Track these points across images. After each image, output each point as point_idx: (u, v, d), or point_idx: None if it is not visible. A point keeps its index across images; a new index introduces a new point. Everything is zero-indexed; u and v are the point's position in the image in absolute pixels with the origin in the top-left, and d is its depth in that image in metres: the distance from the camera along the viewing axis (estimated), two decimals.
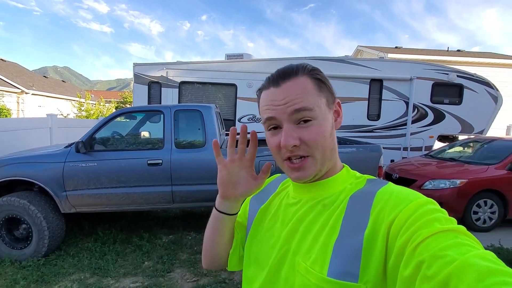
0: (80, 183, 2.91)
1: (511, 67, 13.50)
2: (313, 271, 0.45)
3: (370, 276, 0.41)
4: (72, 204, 2.94)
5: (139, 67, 6.29)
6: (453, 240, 0.35)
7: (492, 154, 4.41)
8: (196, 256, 3.02)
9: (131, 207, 3.07)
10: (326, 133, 0.51)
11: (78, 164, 2.91)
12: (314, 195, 0.54)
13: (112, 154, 3.02)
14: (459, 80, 6.33)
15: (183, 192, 3.05)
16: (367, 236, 0.43)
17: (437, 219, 0.39)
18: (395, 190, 0.46)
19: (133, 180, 2.99)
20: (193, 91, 6.34)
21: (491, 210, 3.91)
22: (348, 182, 0.53)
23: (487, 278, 0.29)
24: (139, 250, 3.12)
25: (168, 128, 3.09)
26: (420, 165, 4.73)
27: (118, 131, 3.37)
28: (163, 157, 3.02)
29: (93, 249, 3.09)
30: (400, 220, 0.40)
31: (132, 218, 4.09)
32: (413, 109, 6.32)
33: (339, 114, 0.56)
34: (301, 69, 0.51)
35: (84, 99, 14.68)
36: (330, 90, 0.54)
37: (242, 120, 6.28)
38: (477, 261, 0.31)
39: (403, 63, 6.61)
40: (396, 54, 13.55)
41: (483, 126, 6.51)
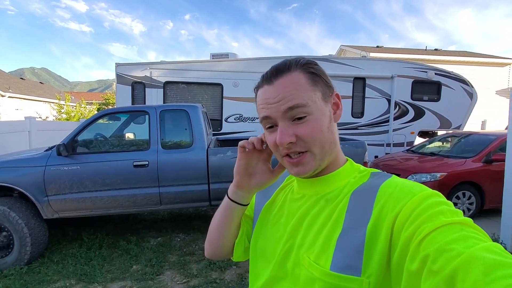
0: (63, 187, 2.82)
1: (486, 65, 14.19)
2: (317, 265, 0.46)
3: (372, 270, 0.41)
4: (55, 209, 2.85)
5: (121, 67, 6.15)
6: (459, 233, 0.35)
7: (469, 148, 4.62)
8: (186, 257, 3.00)
9: (118, 210, 3.00)
10: (323, 127, 0.50)
11: (60, 168, 2.82)
12: (317, 190, 0.54)
13: (96, 156, 2.94)
14: (437, 78, 6.59)
15: (170, 194, 3.01)
16: (370, 230, 0.43)
17: (442, 212, 0.38)
18: (399, 183, 0.46)
19: (118, 182, 2.92)
20: (178, 91, 6.26)
21: (469, 201, 4.11)
22: (352, 176, 0.53)
23: (493, 272, 0.29)
24: (126, 254, 3.06)
25: (154, 129, 3.04)
26: (402, 160, 4.90)
27: (102, 133, 3.28)
28: (149, 158, 2.98)
29: (78, 255, 3.00)
30: (405, 214, 0.40)
31: (119, 221, 4.00)
32: (395, 106, 6.52)
33: (339, 106, 0.55)
34: (294, 64, 0.51)
35: (64, 101, 14.15)
36: (327, 83, 0.53)
37: (228, 120, 6.27)
38: (483, 254, 0.31)
39: (384, 62, 6.81)
40: (378, 53, 13.94)
41: (460, 121, 6.81)
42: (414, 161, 4.73)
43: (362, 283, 0.41)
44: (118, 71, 6.11)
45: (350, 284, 0.42)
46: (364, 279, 0.41)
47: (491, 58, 14.74)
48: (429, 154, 4.97)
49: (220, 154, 3.06)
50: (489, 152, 4.22)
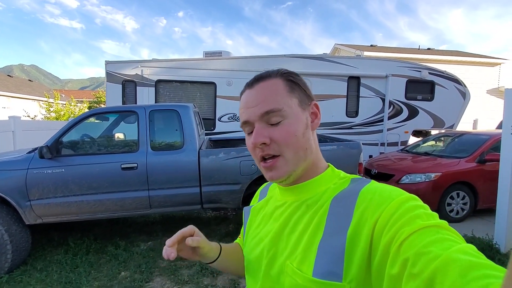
0: (46, 191, 2.69)
1: (477, 64, 14.35)
2: (300, 272, 0.46)
3: (353, 275, 0.42)
4: (38, 214, 2.71)
5: (111, 65, 5.98)
6: (435, 236, 0.36)
7: (462, 148, 4.62)
8: (177, 262, 2.90)
9: (105, 214, 2.88)
10: (298, 132, 0.51)
11: (43, 171, 2.68)
12: (298, 197, 0.54)
13: (82, 158, 2.81)
14: (430, 77, 6.60)
15: (161, 197, 2.90)
16: (350, 235, 0.43)
17: (419, 215, 0.39)
18: (378, 189, 0.47)
19: (106, 185, 2.80)
20: (170, 90, 6.13)
21: (463, 201, 4.10)
22: (332, 182, 0.53)
23: (469, 273, 0.30)
24: (114, 259, 2.94)
25: (143, 130, 2.92)
26: (397, 160, 4.87)
27: (89, 133, 3.15)
28: (138, 160, 2.86)
29: (63, 261, 2.87)
30: (384, 219, 0.41)
31: (108, 225, 3.87)
32: (389, 106, 6.51)
33: (317, 116, 0.56)
34: (274, 73, 0.54)
35: (53, 99, 13.79)
36: (305, 92, 0.55)
37: (222, 120, 6.17)
38: (459, 256, 0.32)
39: (379, 61, 6.79)
40: (372, 52, 13.96)
41: (453, 120, 6.84)
42: (408, 161, 4.71)
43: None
44: (108, 69, 5.95)
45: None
46: (346, 285, 0.42)
47: (482, 57, 14.92)
48: (423, 154, 4.96)
49: (213, 155, 2.97)
50: (482, 152, 4.22)
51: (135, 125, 3.02)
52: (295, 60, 6.26)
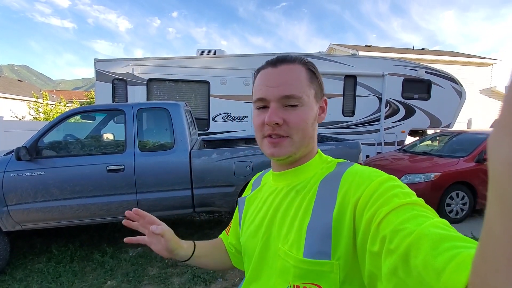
0: (25, 195, 2.50)
1: (470, 64, 14.46)
2: (291, 254, 0.48)
3: (341, 253, 0.44)
4: (16, 220, 2.52)
5: (101, 63, 5.79)
6: (410, 213, 0.38)
7: (460, 147, 4.55)
8: (167, 270, 2.73)
9: (90, 220, 2.70)
10: (309, 120, 0.55)
11: (21, 174, 2.49)
12: (288, 182, 0.57)
13: (64, 160, 2.63)
14: (427, 76, 6.55)
15: (150, 200, 2.73)
16: (336, 216, 0.45)
17: (396, 194, 0.41)
18: (358, 170, 0.50)
19: (90, 189, 2.62)
20: (162, 88, 5.95)
21: (463, 201, 4.02)
22: (320, 167, 0.56)
23: (440, 245, 0.31)
24: (101, 267, 2.76)
25: (130, 129, 2.75)
26: (395, 160, 4.78)
27: (73, 134, 2.96)
28: (125, 161, 2.69)
29: (45, 270, 2.68)
30: (364, 199, 0.43)
31: (95, 231, 3.67)
32: (386, 105, 6.43)
33: (324, 111, 0.60)
34: (298, 59, 0.57)
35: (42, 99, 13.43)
36: (320, 86, 0.58)
37: (216, 119, 6.01)
38: (431, 230, 0.33)
39: (375, 60, 6.71)
40: (367, 52, 13.94)
41: (450, 120, 6.80)
42: (406, 161, 4.62)
43: (333, 265, 0.45)
44: (97, 67, 5.75)
45: (322, 267, 0.45)
46: (334, 262, 0.45)
47: (475, 58, 15.04)
48: (421, 154, 4.87)
49: (205, 156, 2.80)
50: (481, 151, 4.14)
51: (121, 125, 2.85)
52: None
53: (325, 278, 0.45)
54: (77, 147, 2.81)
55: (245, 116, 6.07)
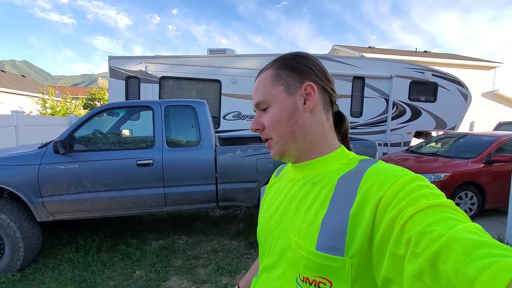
0: (59, 187, 2.60)
1: (473, 67, 14.59)
2: (303, 245, 0.48)
3: (355, 251, 0.43)
4: (50, 211, 2.62)
5: (115, 60, 5.87)
6: (440, 215, 0.35)
7: (468, 149, 4.67)
8: (191, 261, 2.84)
9: (119, 212, 2.81)
10: (281, 118, 0.55)
11: (56, 167, 2.59)
12: (305, 174, 0.57)
13: (95, 154, 2.73)
14: (433, 79, 6.66)
15: (176, 194, 2.84)
16: (353, 213, 0.44)
17: (424, 195, 0.39)
18: (383, 168, 0.47)
19: (120, 182, 2.73)
20: (175, 86, 6.04)
21: (471, 201, 4.14)
22: (340, 162, 0.55)
23: (473, 251, 0.29)
24: (127, 258, 2.87)
25: (158, 126, 2.86)
26: (404, 161, 4.89)
27: (101, 129, 3.06)
28: (154, 156, 2.79)
29: (75, 260, 2.79)
30: (388, 198, 0.41)
31: (117, 223, 3.78)
32: (393, 106, 6.54)
33: (311, 96, 0.56)
34: (269, 64, 0.59)
35: (48, 95, 13.48)
36: (297, 74, 0.56)
37: (227, 118, 6.11)
38: (463, 235, 0.31)
39: (383, 62, 6.81)
40: (370, 54, 14.05)
41: (455, 122, 6.92)
42: (416, 161, 4.74)
43: (345, 263, 0.43)
44: (111, 64, 5.83)
45: (334, 263, 0.44)
46: (347, 259, 0.43)
47: (477, 61, 15.18)
48: (428, 154, 4.99)
49: (229, 153, 2.92)
50: (489, 153, 4.27)
51: (144, 122, 2.95)
52: None
53: (337, 274, 0.44)
54: (108, 142, 2.92)
55: (255, 115, 6.18)
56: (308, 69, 0.57)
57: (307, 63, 0.57)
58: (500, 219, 4.10)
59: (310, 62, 0.58)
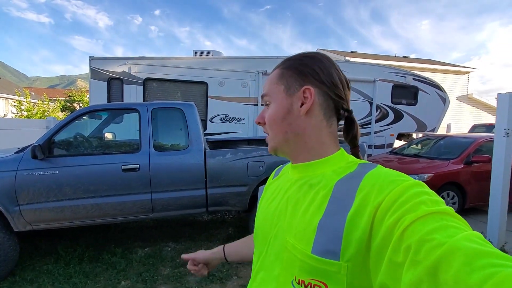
0: (38, 195, 2.44)
1: (448, 72, 15.32)
2: (299, 248, 0.47)
3: (351, 255, 0.43)
4: (28, 220, 2.45)
5: (96, 61, 5.66)
6: (440, 223, 0.35)
7: (448, 150, 4.86)
8: (180, 269, 2.75)
9: (103, 220, 2.67)
10: (277, 116, 0.56)
11: (34, 173, 2.43)
12: (302, 175, 0.57)
13: (77, 159, 2.59)
14: (414, 83, 6.91)
15: (164, 200, 2.74)
16: (350, 217, 0.44)
17: (423, 201, 0.38)
18: (382, 173, 0.47)
19: (104, 188, 2.60)
20: (160, 88, 5.90)
21: (453, 201, 4.30)
22: (338, 166, 0.54)
23: (475, 261, 0.29)
24: (112, 268, 2.73)
25: (145, 129, 2.75)
26: (387, 162, 5.01)
27: (83, 132, 2.92)
28: (140, 161, 2.69)
29: (55, 271, 2.62)
30: (387, 203, 0.41)
31: (100, 232, 3.61)
32: (376, 109, 6.72)
33: (308, 100, 0.55)
34: (282, 62, 0.60)
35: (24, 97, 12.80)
36: (297, 77, 0.56)
37: (214, 120, 6.04)
38: (464, 244, 0.31)
39: (367, 66, 7.00)
40: (352, 58, 14.41)
41: (435, 124, 7.20)
42: (399, 163, 4.87)
43: (340, 267, 0.43)
44: (92, 65, 5.62)
45: (329, 267, 0.44)
46: (343, 264, 0.43)
47: (452, 66, 15.96)
48: (411, 156, 5.15)
49: (219, 156, 2.86)
50: (469, 154, 4.45)
51: (134, 124, 2.84)
52: None
53: (332, 278, 0.44)
54: (91, 146, 2.78)
55: (242, 118, 6.14)
56: (313, 72, 0.56)
57: (313, 66, 0.56)
58: (480, 217, 4.28)
59: (317, 64, 0.56)
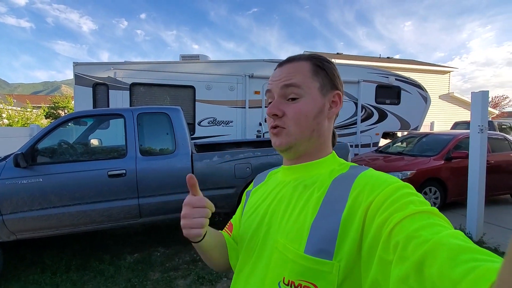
0: (21, 203, 2.40)
1: (430, 72, 15.84)
2: (291, 248, 0.48)
3: (343, 255, 0.43)
4: (12, 230, 2.41)
5: (81, 66, 5.58)
6: (426, 221, 0.37)
7: (430, 147, 5.04)
8: (170, 273, 2.75)
9: (90, 227, 2.65)
10: (309, 113, 0.54)
11: (17, 181, 2.40)
12: (297, 176, 0.57)
13: (62, 166, 2.56)
14: (397, 83, 7.12)
15: (152, 205, 2.75)
16: (344, 217, 0.45)
17: (412, 201, 0.40)
18: (374, 175, 0.49)
19: (90, 195, 2.58)
20: (146, 93, 5.87)
21: (435, 196, 4.46)
22: (331, 167, 0.56)
23: (458, 256, 0.30)
24: (100, 275, 2.71)
25: (131, 134, 2.75)
26: (373, 160, 5.16)
27: (66, 139, 2.89)
28: (126, 166, 2.68)
29: (41, 281, 2.57)
30: (377, 203, 0.42)
31: (87, 239, 3.56)
32: (362, 109, 6.89)
33: (336, 105, 0.58)
34: (304, 56, 0.58)
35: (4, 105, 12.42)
36: (331, 79, 0.57)
37: (202, 124, 6.04)
38: (449, 240, 0.33)
39: (351, 67, 7.17)
40: (338, 60, 14.71)
41: (417, 123, 7.43)
42: (385, 160, 5.02)
43: (333, 266, 0.44)
44: (76, 71, 5.54)
45: (321, 267, 0.44)
46: (335, 263, 0.44)
47: (434, 66, 16.51)
48: (395, 154, 5.31)
49: (206, 159, 2.89)
50: (449, 150, 4.64)
51: (120, 130, 2.84)
52: (274, 65, 6.36)
53: (323, 278, 0.44)
54: (76, 153, 2.75)
55: (230, 121, 6.18)
56: (338, 79, 0.59)
57: (337, 73, 0.59)
58: (461, 211, 4.46)
59: (338, 73, 0.59)
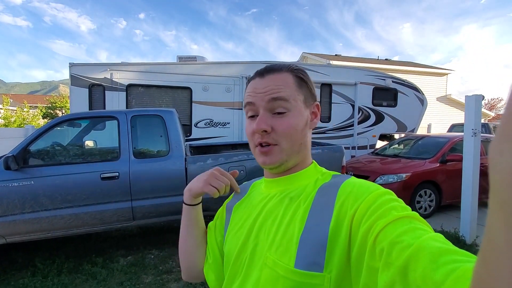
0: (12, 206, 2.38)
1: (428, 74, 15.89)
2: (281, 263, 0.47)
3: (334, 265, 0.43)
4: (2, 233, 2.39)
5: (77, 67, 5.56)
6: (408, 226, 0.38)
7: (426, 150, 5.05)
8: (163, 276, 2.74)
9: (82, 230, 2.63)
10: (298, 127, 0.54)
11: (8, 184, 2.38)
12: (282, 188, 0.56)
13: (54, 169, 2.55)
14: (393, 85, 7.14)
15: (145, 207, 2.73)
16: (332, 228, 0.45)
17: (394, 207, 0.41)
18: (356, 183, 0.49)
19: (83, 198, 2.57)
20: (143, 95, 5.86)
21: (430, 198, 4.47)
22: (315, 178, 0.56)
23: (439, 258, 0.31)
24: (92, 279, 2.69)
25: (124, 136, 2.74)
26: (369, 163, 5.16)
27: (61, 141, 2.87)
28: (119, 169, 2.67)
29: (31, 285, 2.55)
30: (361, 211, 0.43)
31: (80, 241, 3.53)
32: (358, 111, 6.90)
33: (317, 116, 0.59)
34: (286, 67, 0.56)
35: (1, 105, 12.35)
36: (311, 91, 0.58)
37: (198, 125, 6.03)
38: (430, 243, 0.33)
39: (348, 69, 7.18)
40: (337, 61, 14.76)
41: (414, 125, 7.45)
42: (380, 163, 5.02)
43: (324, 278, 0.43)
44: (72, 72, 5.52)
45: (313, 280, 0.44)
46: (326, 275, 0.43)
47: (432, 68, 16.59)
48: (392, 156, 5.32)
49: (200, 162, 2.88)
50: (444, 153, 4.65)
51: (107, 132, 2.82)
52: None
53: None
54: (68, 155, 2.74)
55: (227, 122, 6.17)
56: (313, 89, 0.59)
57: (312, 85, 0.59)
58: (455, 214, 4.46)
59: (312, 83, 0.59)
